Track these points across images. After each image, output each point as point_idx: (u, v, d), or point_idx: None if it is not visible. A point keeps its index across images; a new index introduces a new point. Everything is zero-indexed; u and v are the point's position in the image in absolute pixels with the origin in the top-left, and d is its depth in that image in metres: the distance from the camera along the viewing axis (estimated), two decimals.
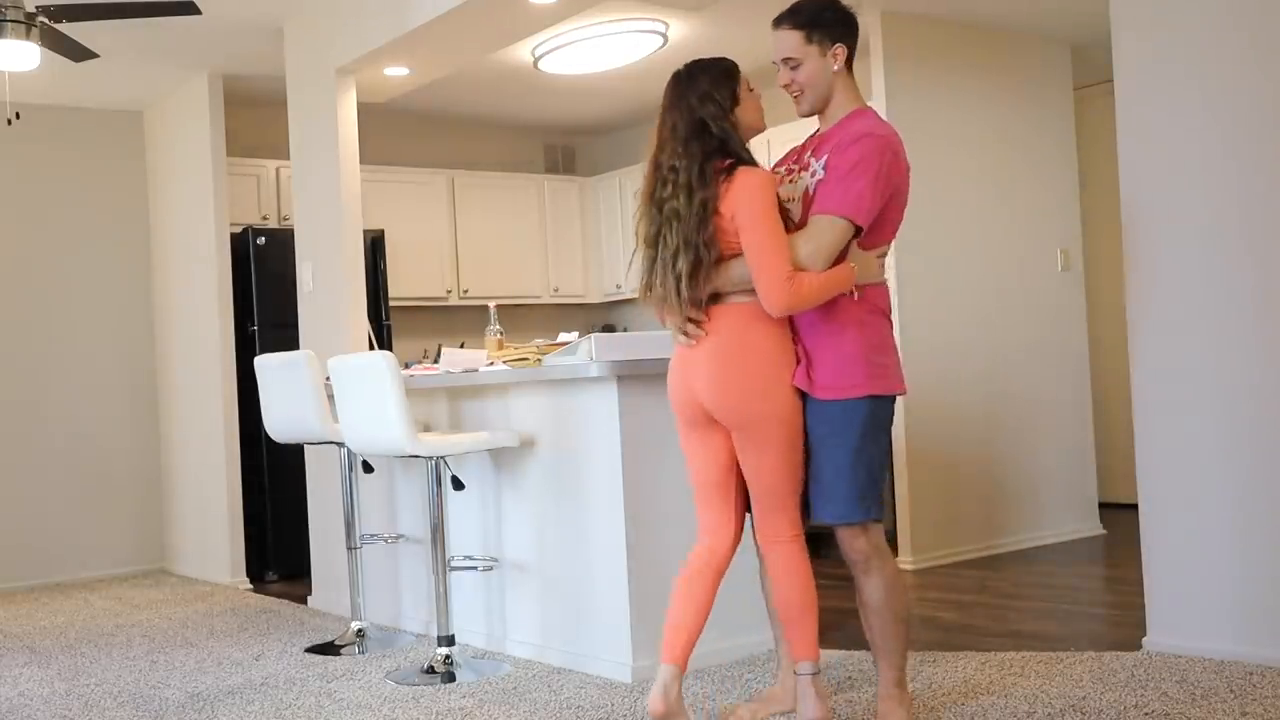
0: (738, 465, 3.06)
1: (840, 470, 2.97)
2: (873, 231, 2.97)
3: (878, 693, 3.11)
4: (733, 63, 3.06)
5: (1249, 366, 3.63)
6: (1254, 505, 3.62)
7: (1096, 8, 4.64)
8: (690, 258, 2.89)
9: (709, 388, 2.97)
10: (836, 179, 2.91)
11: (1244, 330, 3.65)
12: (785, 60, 3.06)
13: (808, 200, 2.98)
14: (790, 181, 3.09)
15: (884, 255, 3.05)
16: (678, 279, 2.91)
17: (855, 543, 3.00)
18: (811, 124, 3.18)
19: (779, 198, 2.96)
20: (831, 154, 2.96)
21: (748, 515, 3.14)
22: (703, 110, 2.95)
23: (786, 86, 3.10)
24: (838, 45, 3.04)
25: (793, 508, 3.04)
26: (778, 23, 3.09)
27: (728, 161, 2.93)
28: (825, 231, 2.88)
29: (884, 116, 5.51)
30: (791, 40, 3.05)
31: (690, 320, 2.97)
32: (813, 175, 2.99)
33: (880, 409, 3.00)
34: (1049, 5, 5.90)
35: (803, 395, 3.01)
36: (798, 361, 3.01)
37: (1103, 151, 6.17)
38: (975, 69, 6.12)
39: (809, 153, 3.08)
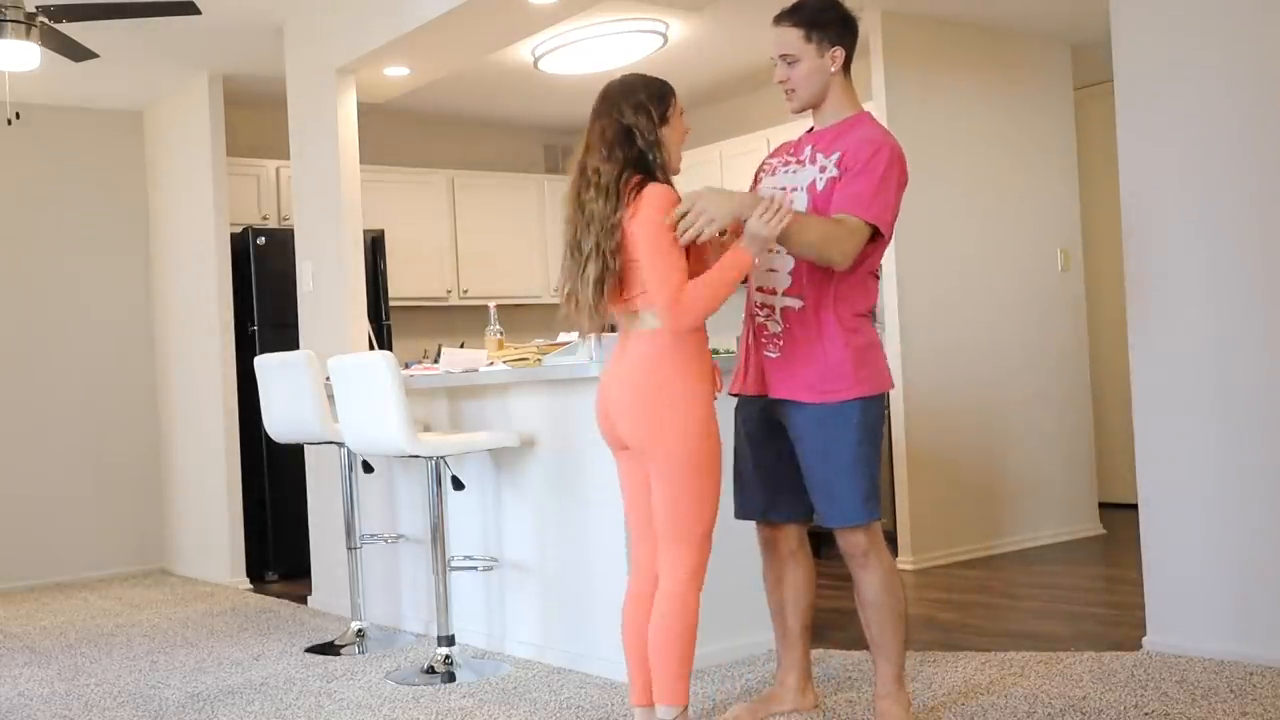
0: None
1: (843, 473, 2.98)
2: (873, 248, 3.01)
3: (875, 691, 3.12)
4: (670, 86, 3.02)
5: (1249, 366, 3.63)
6: (1253, 505, 3.62)
7: (1096, 8, 4.64)
8: (599, 266, 2.84)
9: (620, 414, 2.90)
10: (870, 185, 2.92)
11: (1244, 330, 3.65)
12: (783, 56, 3.08)
13: (816, 192, 3.00)
14: (789, 172, 3.11)
15: (770, 205, 2.86)
16: (587, 284, 2.85)
17: (854, 538, 3.02)
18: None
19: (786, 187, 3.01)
20: (848, 154, 2.98)
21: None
22: (633, 120, 2.90)
23: (782, 83, 3.11)
24: (836, 48, 3.06)
25: (690, 550, 2.87)
26: (779, 20, 3.10)
27: (638, 177, 2.87)
28: (858, 232, 2.89)
29: (884, 117, 5.59)
30: (790, 37, 3.07)
31: (599, 329, 2.94)
32: (822, 170, 3.01)
33: (873, 408, 3.01)
34: (1049, 5, 5.90)
35: (775, 405, 3.05)
36: (745, 372, 3.09)
37: (1103, 151, 6.17)
38: (975, 69, 6.12)
39: (810, 147, 3.10)
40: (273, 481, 6.55)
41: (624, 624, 3.01)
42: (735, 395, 3.22)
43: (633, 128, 2.89)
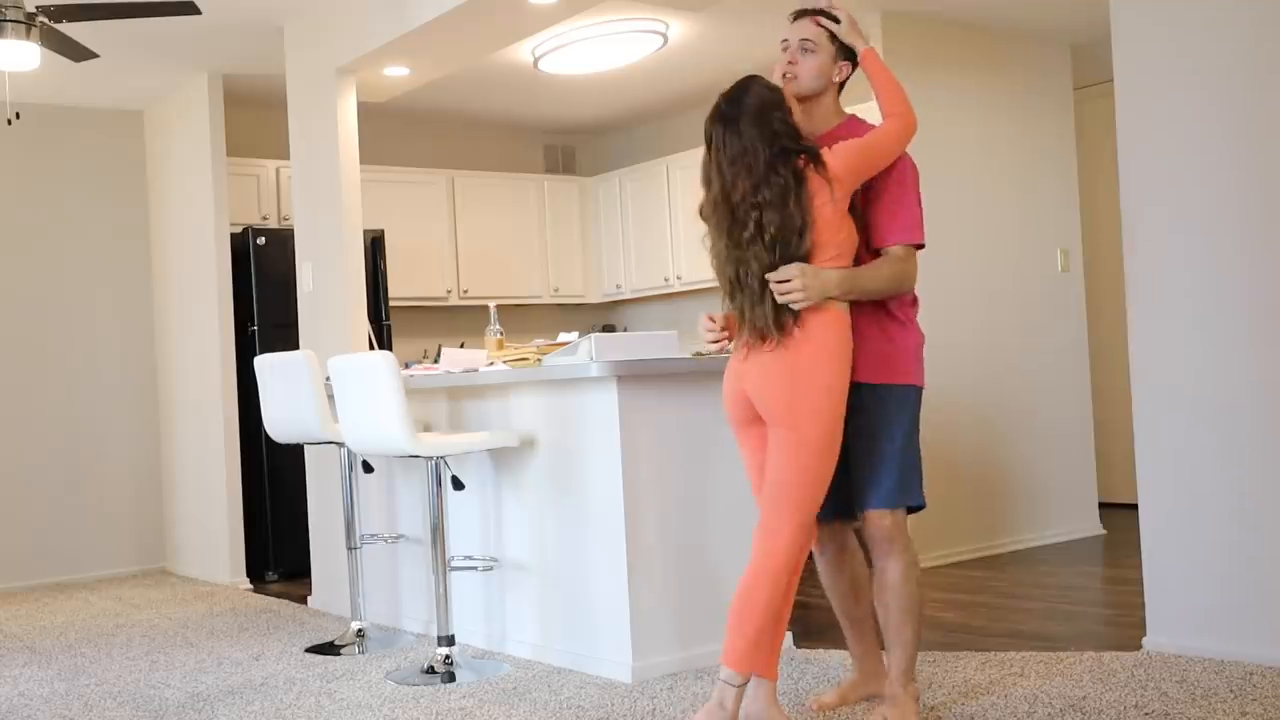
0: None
1: (890, 456, 3.10)
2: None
3: (887, 680, 3.17)
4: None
5: (1249, 366, 3.63)
6: (1254, 505, 3.62)
7: (1096, 8, 4.64)
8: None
9: (760, 377, 2.98)
10: (890, 204, 3.10)
11: (1244, 330, 3.65)
12: (803, 41, 3.16)
13: None
14: None
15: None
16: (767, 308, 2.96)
17: (882, 523, 3.10)
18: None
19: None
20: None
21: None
22: (777, 130, 3.02)
23: (790, 64, 3.17)
24: (847, 63, 3.20)
25: (796, 513, 2.98)
26: (802, 12, 3.20)
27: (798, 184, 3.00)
28: (912, 256, 3.13)
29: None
30: (814, 29, 3.17)
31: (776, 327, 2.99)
32: None
33: (919, 400, 3.18)
34: (1049, 5, 5.90)
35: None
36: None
37: (1103, 151, 6.18)
38: (975, 69, 6.12)
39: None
40: (273, 481, 6.55)
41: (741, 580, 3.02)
42: None
43: (780, 134, 3.02)
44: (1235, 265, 3.66)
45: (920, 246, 3.15)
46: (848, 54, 3.18)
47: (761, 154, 2.94)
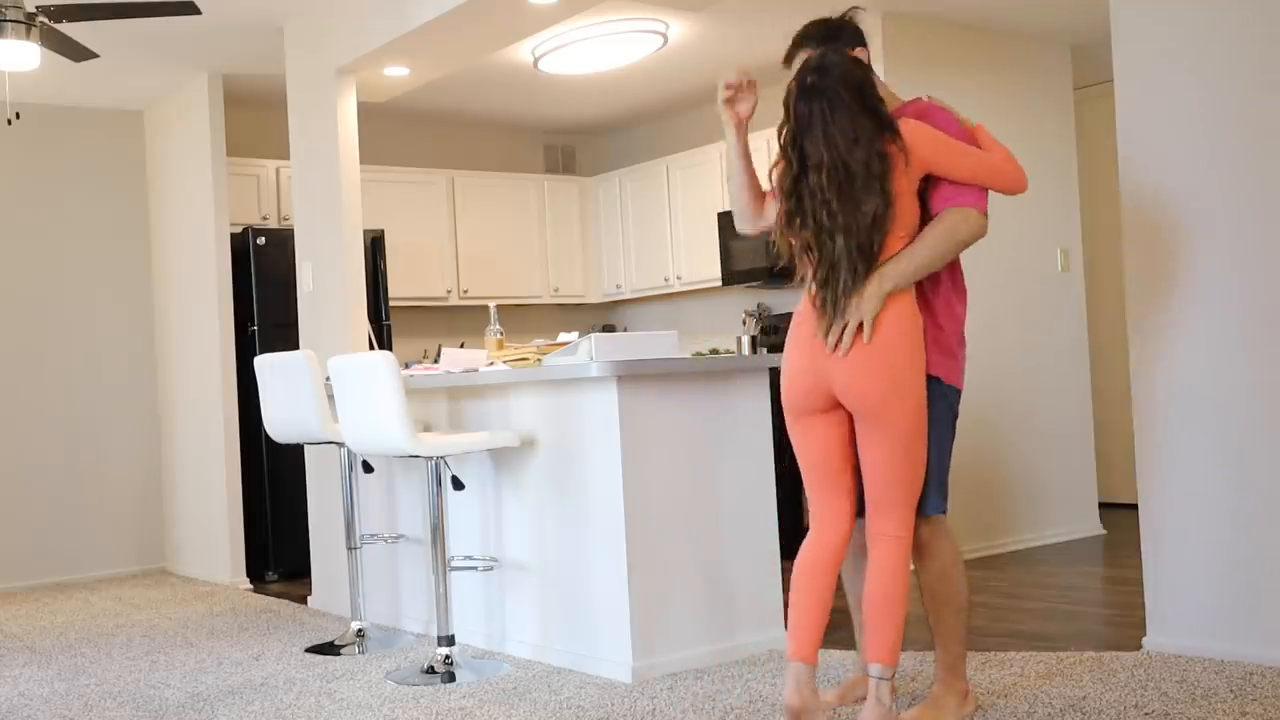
0: (855, 455, 3.05)
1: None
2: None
3: (934, 679, 3.23)
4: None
5: (1249, 366, 3.63)
6: (1253, 505, 3.62)
7: (1096, 8, 4.64)
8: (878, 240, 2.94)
9: (849, 372, 2.94)
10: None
11: (1244, 330, 3.65)
12: None
13: None
14: None
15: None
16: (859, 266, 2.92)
17: (916, 530, 3.09)
18: None
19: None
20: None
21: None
22: (858, 95, 2.99)
23: None
24: (859, 48, 3.18)
25: (908, 503, 3.01)
26: (799, 45, 3.20)
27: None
28: (954, 216, 3.03)
29: None
30: (819, 52, 3.13)
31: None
32: None
33: (956, 400, 3.11)
34: (1049, 5, 5.90)
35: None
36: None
37: (1103, 151, 6.17)
38: (975, 69, 6.12)
39: None
40: (273, 481, 6.55)
41: (802, 576, 3.02)
42: None
43: (863, 103, 2.99)
44: (1235, 265, 3.66)
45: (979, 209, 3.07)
46: (851, 41, 3.17)
47: (866, 126, 2.92)
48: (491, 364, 4.34)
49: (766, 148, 5.74)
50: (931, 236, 2.99)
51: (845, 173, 2.90)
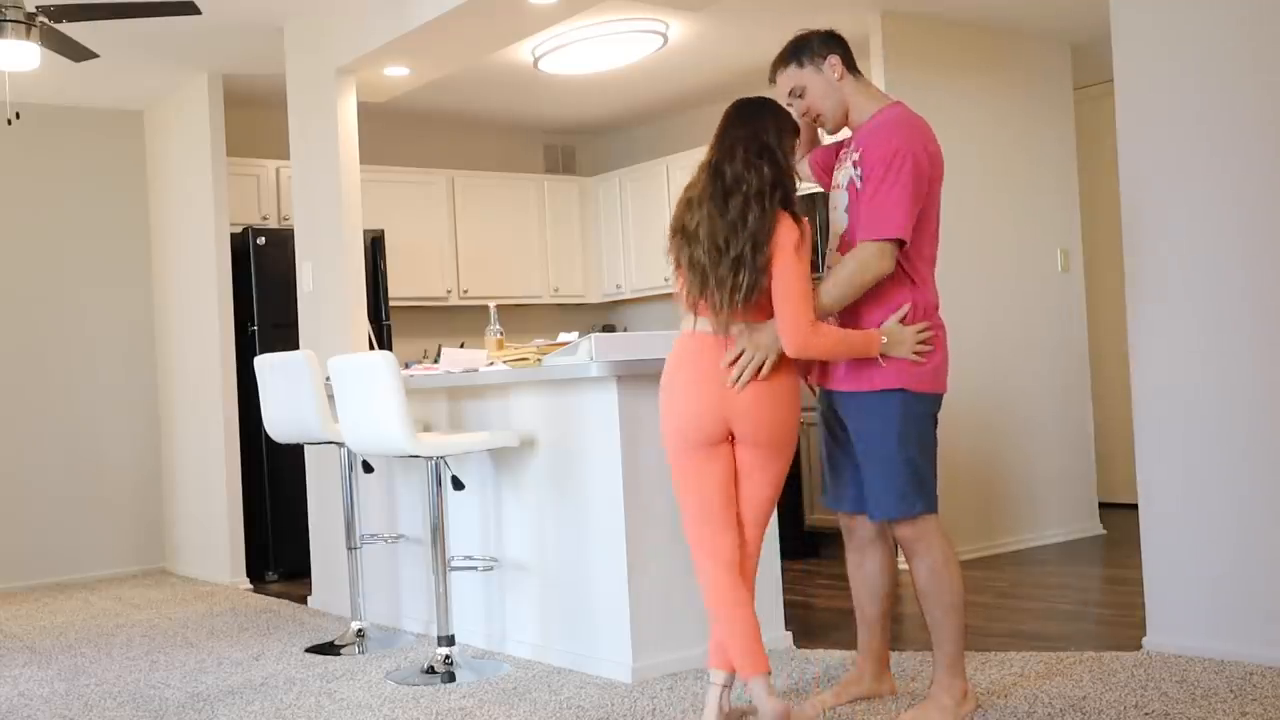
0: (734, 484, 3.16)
1: (879, 464, 3.13)
2: (915, 238, 3.16)
3: (931, 681, 3.25)
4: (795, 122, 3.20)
5: (1249, 366, 3.63)
6: (1254, 505, 3.62)
7: (1096, 8, 4.64)
8: (751, 277, 2.95)
9: (751, 407, 3.03)
10: (879, 201, 3.06)
11: (1244, 330, 3.65)
12: (791, 93, 3.27)
13: (855, 191, 3.14)
14: (840, 170, 3.28)
15: (924, 332, 3.17)
16: (735, 291, 2.96)
17: (901, 530, 3.17)
18: None
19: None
20: (864, 156, 3.12)
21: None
22: (776, 142, 3.06)
23: (804, 115, 3.29)
24: (829, 57, 3.23)
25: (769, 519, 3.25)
26: (775, 70, 3.31)
27: (779, 197, 3.02)
28: (882, 252, 3.06)
29: None
30: (789, 75, 3.27)
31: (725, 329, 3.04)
32: (855, 166, 3.16)
33: (917, 405, 3.14)
34: (1049, 5, 5.90)
35: (832, 396, 3.22)
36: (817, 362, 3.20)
37: (1103, 151, 6.17)
38: (975, 69, 6.12)
39: (848, 147, 3.27)
40: (273, 481, 6.55)
41: (726, 590, 3.12)
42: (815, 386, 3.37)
43: (776, 149, 3.05)
44: (1235, 265, 3.66)
45: (896, 241, 3.09)
46: (820, 49, 3.21)
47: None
48: (491, 364, 4.34)
49: None
50: (841, 279, 3.07)
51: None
